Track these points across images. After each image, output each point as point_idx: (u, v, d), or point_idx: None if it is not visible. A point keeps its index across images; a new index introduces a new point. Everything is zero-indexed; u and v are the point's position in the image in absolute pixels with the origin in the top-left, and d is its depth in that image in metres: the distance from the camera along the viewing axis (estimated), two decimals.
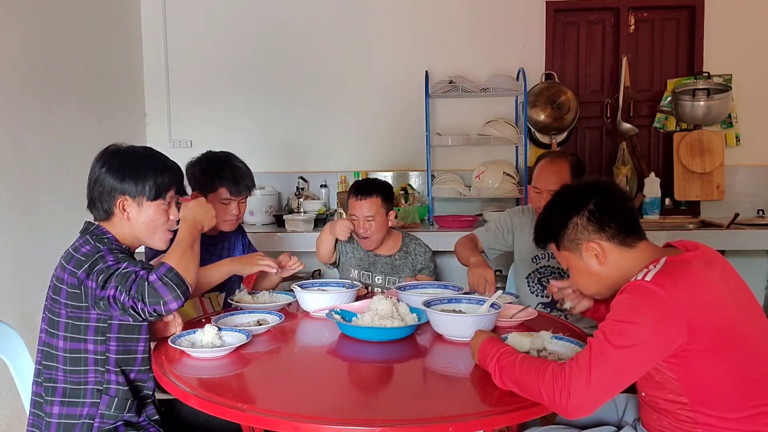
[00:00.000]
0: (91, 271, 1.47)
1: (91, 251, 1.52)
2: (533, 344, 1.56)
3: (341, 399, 1.39)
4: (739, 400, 1.30)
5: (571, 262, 1.51)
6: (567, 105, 3.83)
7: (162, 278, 1.43)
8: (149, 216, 1.60)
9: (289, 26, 4.06)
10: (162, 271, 1.45)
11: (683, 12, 3.96)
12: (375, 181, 2.57)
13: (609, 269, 1.44)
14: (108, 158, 1.61)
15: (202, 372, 1.53)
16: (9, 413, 2.70)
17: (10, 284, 2.76)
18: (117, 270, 1.46)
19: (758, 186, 3.89)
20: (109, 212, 1.59)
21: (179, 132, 4.15)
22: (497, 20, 3.97)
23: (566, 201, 1.51)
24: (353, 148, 4.09)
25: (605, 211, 1.43)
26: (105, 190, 1.58)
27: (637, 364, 1.27)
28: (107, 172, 1.58)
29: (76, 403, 1.53)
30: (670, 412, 1.37)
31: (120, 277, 1.45)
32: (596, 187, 1.49)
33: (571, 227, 1.46)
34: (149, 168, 1.60)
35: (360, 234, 2.46)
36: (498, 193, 3.71)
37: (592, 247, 1.44)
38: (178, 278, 1.45)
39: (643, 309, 1.26)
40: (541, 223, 1.58)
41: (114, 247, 1.55)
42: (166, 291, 1.43)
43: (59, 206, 3.10)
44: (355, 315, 1.84)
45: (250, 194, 2.30)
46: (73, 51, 3.32)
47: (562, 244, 1.50)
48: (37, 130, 2.98)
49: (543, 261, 2.47)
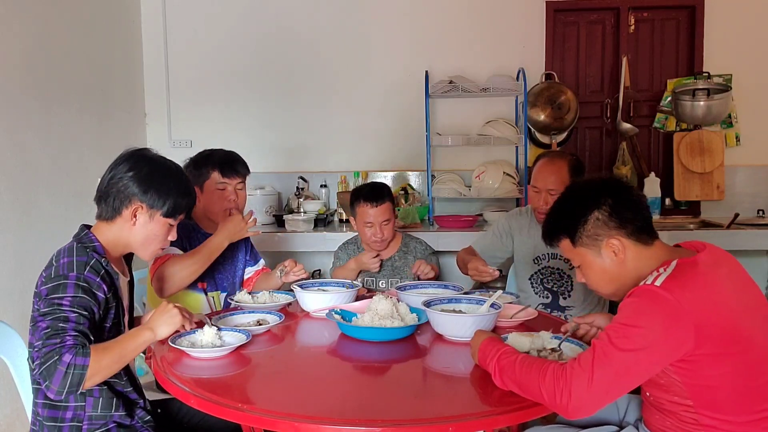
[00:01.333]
0: (47, 294, 1.44)
1: (61, 269, 1.47)
2: (533, 344, 1.56)
3: (341, 399, 1.39)
4: (745, 403, 1.29)
5: (587, 259, 1.45)
6: (567, 105, 3.83)
7: (70, 366, 1.33)
8: (154, 230, 1.62)
9: (289, 26, 4.06)
10: (77, 361, 1.34)
11: (683, 12, 3.96)
12: (382, 185, 2.59)
13: (625, 267, 1.41)
14: (137, 163, 1.61)
15: (202, 372, 1.53)
16: (9, 413, 2.70)
17: (10, 284, 2.76)
18: (59, 315, 1.40)
19: (758, 186, 3.89)
20: (117, 212, 1.59)
21: (179, 132, 4.15)
22: (497, 20, 3.97)
23: (583, 195, 1.46)
24: (353, 148, 4.09)
25: (626, 205, 1.40)
26: (123, 193, 1.57)
27: (641, 368, 1.26)
28: (133, 177, 1.58)
29: (58, 406, 1.52)
30: (674, 413, 1.37)
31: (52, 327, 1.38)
32: (611, 183, 1.46)
33: (591, 222, 1.41)
34: (174, 187, 1.63)
35: (379, 240, 2.48)
36: (498, 193, 3.71)
37: (612, 244, 1.40)
38: (79, 379, 1.34)
39: (650, 314, 1.25)
40: (554, 218, 1.52)
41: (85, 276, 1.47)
42: (58, 381, 1.33)
43: (59, 206, 3.10)
44: (355, 315, 1.84)
45: (244, 178, 2.33)
46: (73, 51, 3.32)
47: (580, 239, 1.44)
48: (37, 130, 2.98)
49: (544, 262, 2.47)
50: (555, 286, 2.46)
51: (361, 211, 2.48)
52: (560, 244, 1.51)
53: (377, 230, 2.46)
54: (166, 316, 1.57)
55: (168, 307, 1.59)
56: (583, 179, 1.55)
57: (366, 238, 2.51)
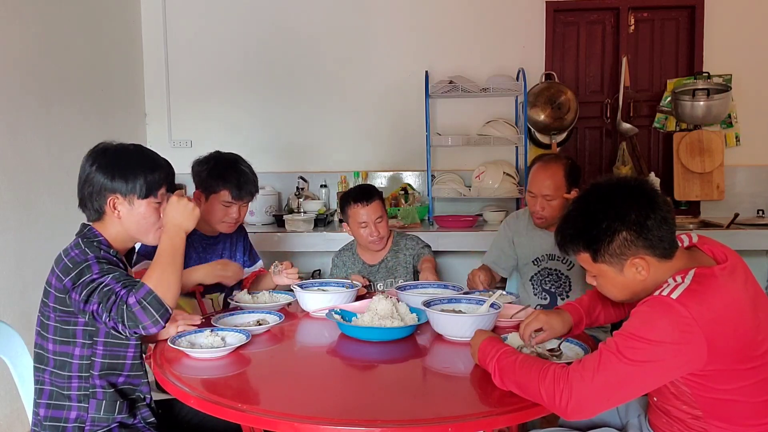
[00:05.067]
0: (76, 282, 1.44)
1: (79, 257, 1.48)
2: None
3: (341, 399, 1.39)
4: (755, 415, 1.28)
5: (607, 274, 1.36)
6: (567, 105, 3.83)
7: (140, 302, 1.37)
8: (141, 214, 1.57)
9: (289, 26, 4.06)
10: (141, 294, 1.38)
11: (683, 12, 3.96)
12: (369, 186, 2.64)
13: (647, 281, 1.33)
14: (97, 156, 1.57)
15: (202, 372, 1.53)
16: (9, 413, 2.70)
17: (10, 284, 2.76)
18: (99, 285, 1.42)
19: (758, 186, 3.89)
20: (100, 211, 1.56)
21: (179, 132, 4.15)
22: (497, 20, 3.97)
23: (608, 208, 1.33)
24: (353, 148, 4.09)
25: (657, 224, 1.29)
26: (95, 189, 1.55)
27: (647, 380, 1.24)
28: (97, 171, 1.55)
29: (62, 406, 1.53)
30: (682, 421, 1.35)
31: (102, 295, 1.40)
32: (642, 195, 1.33)
33: (617, 241, 1.30)
34: (139, 165, 1.57)
35: (376, 238, 2.48)
36: (498, 193, 3.72)
37: (636, 263, 1.31)
38: (157, 302, 1.38)
39: (662, 327, 1.20)
40: (574, 230, 1.39)
41: (102, 256, 1.49)
42: (144, 316, 1.37)
43: (59, 206, 3.10)
44: (355, 315, 1.84)
45: (252, 199, 2.30)
46: (73, 51, 3.32)
47: (601, 256, 1.33)
48: (37, 130, 2.98)
49: (543, 263, 2.47)
50: (553, 287, 2.46)
51: (354, 213, 2.49)
52: (578, 257, 1.41)
53: (372, 229, 2.47)
54: (182, 208, 1.53)
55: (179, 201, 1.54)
56: (607, 182, 1.37)
57: (362, 239, 2.51)
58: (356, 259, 2.62)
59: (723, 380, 1.25)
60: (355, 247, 2.64)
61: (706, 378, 1.25)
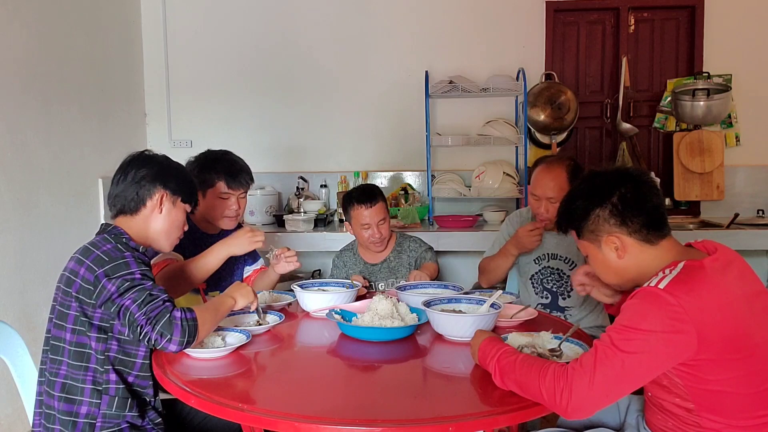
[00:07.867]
0: (113, 274, 1.49)
1: (114, 253, 1.53)
2: (532, 344, 1.56)
3: (341, 399, 1.39)
4: (747, 408, 1.28)
5: (590, 251, 1.47)
6: (567, 105, 3.83)
7: (183, 320, 1.47)
8: (177, 216, 1.72)
9: (289, 26, 4.06)
10: (188, 315, 1.49)
11: (683, 12, 3.97)
12: (372, 186, 2.61)
13: (628, 263, 1.40)
14: (149, 160, 1.71)
15: (202, 372, 1.53)
16: (10, 413, 2.70)
17: (11, 283, 2.76)
18: (142, 286, 1.49)
19: (758, 186, 3.89)
20: (140, 203, 1.66)
21: (179, 132, 4.15)
22: (497, 20, 3.97)
23: (591, 190, 1.46)
24: (353, 148, 4.09)
25: (629, 204, 1.38)
26: (146, 185, 1.66)
27: (643, 371, 1.25)
28: (150, 171, 1.68)
29: (74, 400, 1.53)
30: (675, 415, 1.36)
31: (145, 295, 1.48)
32: (624, 177, 1.43)
33: (592, 218, 1.42)
34: (186, 176, 1.78)
35: (377, 240, 2.49)
36: (498, 193, 3.72)
37: (611, 240, 1.40)
38: (195, 329, 1.49)
39: (652, 317, 1.23)
40: (563, 210, 1.53)
41: (138, 255, 1.58)
42: (179, 332, 1.46)
43: (60, 206, 3.10)
44: (355, 315, 1.84)
45: (248, 188, 2.31)
46: (73, 51, 3.32)
47: (583, 233, 1.46)
48: (37, 130, 2.98)
49: (544, 262, 2.47)
50: (555, 287, 2.46)
51: (356, 214, 2.48)
52: (574, 238, 1.52)
53: (375, 230, 2.47)
54: (244, 291, 1.73)
55: (243, 285, 1.77)
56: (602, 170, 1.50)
57: (364, 240, 2.51)
58: (357, 259, 2.62)
59: (713, 371, 1.26)
60: (356, 246, 2.64)
61: (696, 368, 1.26)
